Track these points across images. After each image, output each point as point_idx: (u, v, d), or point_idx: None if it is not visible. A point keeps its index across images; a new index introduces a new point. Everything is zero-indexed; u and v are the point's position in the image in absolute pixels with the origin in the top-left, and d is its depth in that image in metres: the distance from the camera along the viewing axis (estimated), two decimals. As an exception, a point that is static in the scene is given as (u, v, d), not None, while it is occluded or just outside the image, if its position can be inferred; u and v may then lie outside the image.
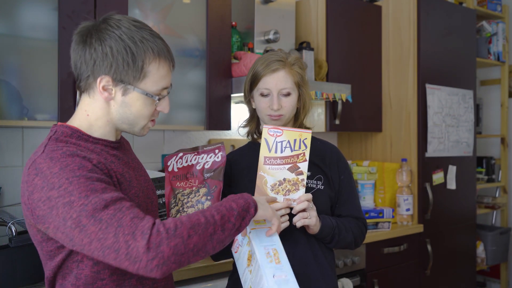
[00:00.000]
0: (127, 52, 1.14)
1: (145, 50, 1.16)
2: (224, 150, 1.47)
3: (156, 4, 2.17)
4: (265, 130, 1.47)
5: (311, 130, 1.52)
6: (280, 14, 2.70)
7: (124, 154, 1.29)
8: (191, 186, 1.45)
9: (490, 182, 3.81)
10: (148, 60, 1.16)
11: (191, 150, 1.51)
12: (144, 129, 1.25)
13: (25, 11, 1.85)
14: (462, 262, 3.23)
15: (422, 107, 2.95)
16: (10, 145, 2.09)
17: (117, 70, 1.15)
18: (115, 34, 1.15)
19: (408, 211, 2.87)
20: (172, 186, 1.47)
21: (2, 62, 1.82)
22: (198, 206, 1.40)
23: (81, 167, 1.08)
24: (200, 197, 1.41)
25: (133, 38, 1.16)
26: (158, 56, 1.18)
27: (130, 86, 1.17)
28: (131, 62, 1.15)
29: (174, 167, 1.49)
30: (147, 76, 1.17)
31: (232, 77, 2.40)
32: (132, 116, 1.21)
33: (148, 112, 1.21)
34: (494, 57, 3.83)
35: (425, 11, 2.97)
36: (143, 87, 1.17)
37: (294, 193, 1.44)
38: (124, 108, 1.20)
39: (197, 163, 1.47)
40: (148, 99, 1.19)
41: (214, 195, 1.41)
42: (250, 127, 1.71)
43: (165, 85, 1.21)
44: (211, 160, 1.47)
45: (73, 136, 1.18)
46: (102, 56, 1.14)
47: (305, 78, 1.63)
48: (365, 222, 1.70)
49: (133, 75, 1.16)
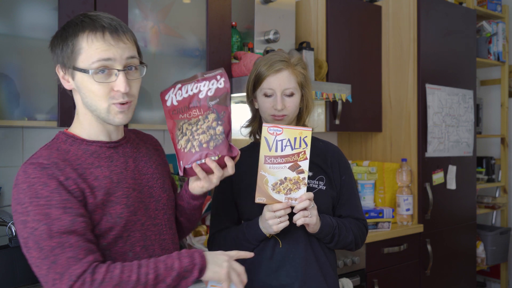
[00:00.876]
0: (61, 36, 1.19)
1: (74, 29, 1.17)
2: (226, 75, 1.36)
3: (156, 4, 2.17)
4: (265, 129, 1.46)
5: (311, 128, 1.51)
6: (280, 14, 2.70)
7: (126, 153, 1.29)
8: (197, 115, 1.33)
9: (490, 182, 3.81)
10: (75, 37, 1.17)
11: (189, 80, 1.37)
12: (111, 113, 1.20)
13: (25, 11, 1.85)
14: (462, 262, 3.23)
15: (422, 107, 2.95)
16: (10, 145, 2.09)
17: (58, 56, 1.19)
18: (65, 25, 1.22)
19: (408, 211, 2.87)
20: (174, 119, 1.35)
21: (2, 62, 1.82)
22: (210, 131, 1.30)
23: (45, 187, 1.10)
24: (210, 123, 1.31)
25: (73, 22, 1.19)
26: (87, 31, 1.17)
27: (70, 68, 1.18)
28: (62, 42, 1.18)
29: (174, 100, 1.36)
30: (80, 53, 1.16)
31: (232, 77, 2.40)
32: (89, 100, 1.20)
33: (101, 91, 1.17)
34: (494, 57, 3.83)
35: (425, 11, 2.97)
36: (80, 65, 1.17)
37: (296, 191, 1.44)
38: (81, 93, 1.20)
39: (198, 91, 1.34)
40: (90, 77, 1.16)
41: (224, 119, 1.32)
42: (252, 127, 1.71)
43: (103, 56, 1.15)
44: (213, 87, 1.34)
45: (67, 142, 1.22)
46: (52, 48, 1.22)
47: (308, 78, 1.63)
48: (366, 223, 1.70)
49: (67, 55, 1.18)
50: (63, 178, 1.13)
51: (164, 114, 1.37)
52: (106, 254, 1.18)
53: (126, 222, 1.20)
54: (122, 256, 1.20)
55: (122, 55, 1.17)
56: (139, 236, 1.24)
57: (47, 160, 1.15)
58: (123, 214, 1.20)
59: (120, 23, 1.20)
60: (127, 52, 1.18)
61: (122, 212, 1.20)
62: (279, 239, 1.57)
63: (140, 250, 1.23)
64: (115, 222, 1.18)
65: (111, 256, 1.19)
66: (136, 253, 1.23)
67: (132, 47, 1.21)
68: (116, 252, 1.20)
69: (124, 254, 1.21)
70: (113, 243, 1.19)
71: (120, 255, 1.20)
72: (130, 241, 1.22)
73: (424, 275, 2.93)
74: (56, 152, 1.18)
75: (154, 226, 1.28)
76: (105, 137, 1.26)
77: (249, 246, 1.58)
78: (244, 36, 2.63)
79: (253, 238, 1.55)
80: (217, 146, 1.28)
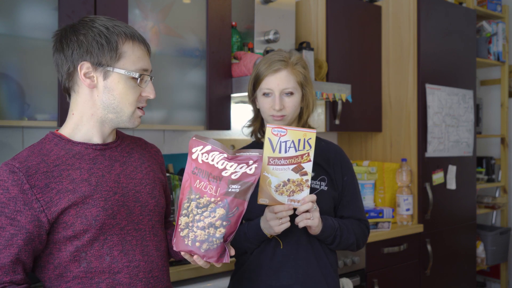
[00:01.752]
0: (101, 36, 1.20)
1: (117, 33, 1.21)
2: (261, 162, 1.25)
3: (156, 4, 2.17)
4: (269, 130, 1.43)
5: (315, 130, 1.49)
6: (280, 14, 2.70)
7: (113, 156, 1.29)
8: (210, 195, 1.23)
9: (490, 182, 3.81)
10: (122, 41, 1.21)
11: (221, 148, 1.27)
12: (134, 118, 1.25)
13: (25, 11, 1.85)
14: (462, 262, 3.23)
15: (422, 107, 2.95)
16: (10, 145, 2.09)
17: (93, 54, 1.19)
18: (88, 25, 1.22)
19: (408, 211, 2.87)
20: (191, 182, 1.26)
21: (2, 62, 1.82)
22: (209, 230, 1.21)
23: (5, 192, 1.15)
24: (214, 220, 1.21)
25: (105, 25, 1.21)
26: (131, 38, 1.22)
27: (109, 67, 1.20)
28: (106, 44, 1.19)
29: (199, 158, 1.27)
30: (123, 57, 1.21)
31: (232, 77, 2.40)
32: (116, 102, 1.22)
33: (133, 96, 1.22)
34: (494, 57, 3.83)
35: (425, 11, 2.97)
36: (122, 67, 1.20)
37: (299, 193, 1.42)
38: (107, 94, 1.22)
39: (224, 169, 1.24)
40: (129, 80, 1.21)
41: (231, 219, 1.21)
42: (254, 127, 1.71)
43: (144, 66, 1.23)
44: (241, 170, 1.24)
45: (53, 141, 1.24)
46: (78, 44, 1.20)
47: (308, 78, 1.62)
48: (368, 224, 1.69)
49: (109, 56, 1.20)
50: (27, 187, 1.15)
51: (187, 161, 1.30)
52: (82, 257, 1.19)
53: (102, 225, 1.20)
54: (99, 259, 1.20)
55: (150, 66, 1.27)
56: (117, 240, 1.23)
57: (21, 163, 1.17)
58: (99, 216, 1.20)
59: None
60: (150, 64, 1.28)
61: (98, 215, 1.20)
62: (280, 240, 1.57)
63: (118, 255, 1.22)
64: (90, 225, 1.19)
65: (86, 259, 1.19)
66: (114, 257, 1.22)
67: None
68: (92, 255, 1.20)
69: (100, 257, 1.20)
70: (88, 245, 1.19)
71: (97, 258, 1.20)
72: (107, 245, 1.21)
73: (424, 275, 2.93)
74: (36, 153, 1.21)
75: (136, 232, 1.27)
76: (98, 139, 1.28)
77: (250, 246, 1.58)
78: (244, 36, 2.63)
79: (254, 238, 1.55)
80: (209, 250, 1.21)
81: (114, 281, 1.21)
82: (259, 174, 1.25)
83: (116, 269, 1.22)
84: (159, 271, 1.30)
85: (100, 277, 1.20)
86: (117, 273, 1.22)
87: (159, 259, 1.31)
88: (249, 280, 1.61)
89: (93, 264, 1.19)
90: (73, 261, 1.19)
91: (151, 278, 1.27)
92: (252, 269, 1.59)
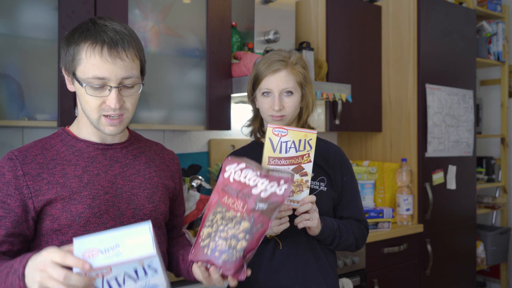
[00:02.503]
0: (67, 40, 1.22)
1: (78, 37, 1.19)
2: (291, 183, 1.25)
3: (156, 4, 2.17)
4: (270, 130, 1.43)
5: (316, 130, 1.49)
6: (280, 14, 2.70)
7: (115, 157, 1.29)
8: (237, 210, 1.23)
9: (490, 182, 3.81)
10: (77, 46, 1.19)
11: (255, 166, 1.28)
12: (101, 124, 1.22)
13: (25, 11, 1.85)
14: (462, 262, 3.23)
15: (422, 107, 2.95)
16: (10, 145, 2.09)
17: (63, 59, 1.23)
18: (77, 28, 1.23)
19: (408, 211, 2.87)
20: (219, 198, 1.27)
21: (2, 62, 1.82)
22: (231, 241, 1.19)
23: (1, 177, 1.20)
24: (238, 232, 1.20)
25: (76, 27, 1.22)
26: (88, 42, 1.18)
27: (71, 73, 1.22)
28: (67, 49, 1.21)
29: (231, 177, 1.27)
30: (79, 63, 1.19)
31: (232, 77, 2.40)
32: (83, 107, 1.24)
33: (93, 103, 1.20)
34: (494, 57, 3.83)
35: (425, 11, 2.97)
36: (78, 75, 1.20)
37: (298, 194, 1.42)
38: (78, 98, 1.25)
39: (255, 185, 1.24)
40: (87, 87, 1.19)
41: (254, 235, 1.20)
42: (253, 127, 1.71)
43: (97, 74, 1.16)
44: (270, 189, 1.23)
45: (59, 137, 1.29)
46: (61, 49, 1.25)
47: (308, 78, 1.62)
48: (367, 225, 1.69)
49: (69, 62, 1.21)
50: (20, 173, 1.20)
51: (218, 179, 1.29)
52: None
53: (87, 222, 1.21)
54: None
55: (117, 74, 1.17)
56: None
57: (20, 152, 1.23)
58: (84, 214, 1.21)
59: (124, 37, 1.19)
60: (123, 72, 1.18)
61: (83, 212, 1.21)
62: (280, 241, 1.57)
63: None
64: (74, 220, 1.20)
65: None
66: None
67: (131, 64, 1.20)
68: None
69: None
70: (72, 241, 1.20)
71: None
72: None
73: (424, 275, 2.93)
74: (39, 146, 1.26)
75: None
76: (98, 139, 1.30)
77: (249, 247, 1.57)
78: (244, 36, 2.63)
79: (253, 238, 1.54)
80: (227, 262, 1.18)
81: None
82: (287, 196, 1.24)
83: None
84: None
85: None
86: None
87: None
88: (248, 280, 1.60)
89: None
90: None
91: None
92: (251, 270, 1.59)
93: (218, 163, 2.69)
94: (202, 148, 2.72)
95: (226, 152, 2.71)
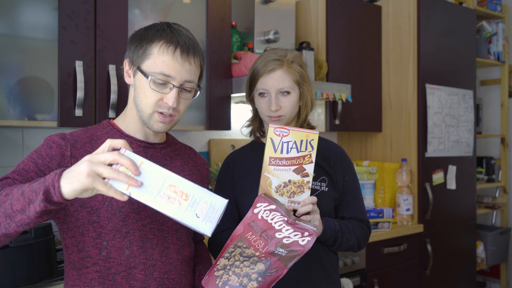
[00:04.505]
0: (140, 36, 1.27)
1: (153, 35, 1.24)
2: (315, 237, 1.26)
3: (156, 4, 2.17)
4: (271, 130, 1.41)
5: (318, 131, 1.47)
6: (280, 14, 2.70)
7: (155, 156, 1.33)
8: (256, 249, 1.24)
9: (490, 182, 3.81)
10: (152, 43, 1.24)
11: (284, 211, 1.32)
12: (153, 121, 1.26)
13: (25, 11, 1.85)
14: (462, 262, 3.23)
15: (422, 107, 2.95)
16: (10, 145, 2.09)
17: (130, 52, 1.28)
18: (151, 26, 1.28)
19: (408, 211, 2.87)
20: (243, 232, 1.29)
21: (2, 62, 1.81)
22: (243, 279, 1.20)
23: (48, 148, 1.21)
24: (251, 272, 1.20)
25: (150, 26, 1.27)
26: (162, 41, 1.23)
27: (136, 66, 1.25)
28: (139, 43, 1.25)
29: (259, 214, 1.30)
30: (148, 58, 1.23)
31: (232, 77, 2.40)
32: (138, 101, 1.27)
33: (151, 98, 1.24)
34: (494, 57, 3.83)
35: (425, 11, 2.97)
36: (144, 68, 1.24)
37: (299, 195, 1.40)
38: (135, 91, 1.28)
39: (279, 230, 1.26)
40: (147, 82, 1.23)
41: (268, 279, 1.19)
42: (253, 127, 1.70)
43: (165, 71, 1.22)
44: (294, 238, 1.25)
45: (105, 129, 1.32)
46: (130, 43, 1.30)
47: (306, 76, 1.59)
48: (369, 224, 1.67)
49: (137, 54, 1.25)
50: (68, 154, 1.22)
51: (247, 213, 1.31)
52: (103, 245, 1.22)
53: (126, 217, 1.23)
54: (118, 251, 1.23)
55: (182, 75, 1.24)
56: (138, 236, 1.25)
57: (72, 135, 1.26)
58: (124, 208, 1.23)
59: (195, 45, 1.27)
60: (187, 75, 1.25)
61: (124, 206, 1.23)
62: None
63: (137, 250, 1.25)
64: (114, 214, 1.22)
65: (107, 249, 1.22)
66: (133, 252, 1.24)
67: (195, 70, 1.27)
68: (112, 246, 1.23)
69: (120, 249, 1.23)
70: (110, 234, 1.22)
71: (116, 250, 1.23)
72: (128, 238, 1.24)
73: (424, 275, 2.93)
74: (88, 135, 1.29)
75: (158, 232, 1.29)
76: (141, 136, 1.33)
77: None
78: (244, 36, 2.63)
79: (254, 238, 1.54)
80: None
81: (130, 275, 1.24)
82: (308, 249, 1.24)
83: (132, 264, 1.24)
84: (177, 274, 1.31)
85: (117, 269, 1.23)
86: (133, 268, 1.24)
87: (179, 263, 1.32)
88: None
89: (112, 255, 1.22)
90: (94, 248, 1.22)
91: (166, 279, 1.29)
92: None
93: (218, 163, 2.69)
94: (202, 148, 2.72)
95: (226, 152, 2.71)
